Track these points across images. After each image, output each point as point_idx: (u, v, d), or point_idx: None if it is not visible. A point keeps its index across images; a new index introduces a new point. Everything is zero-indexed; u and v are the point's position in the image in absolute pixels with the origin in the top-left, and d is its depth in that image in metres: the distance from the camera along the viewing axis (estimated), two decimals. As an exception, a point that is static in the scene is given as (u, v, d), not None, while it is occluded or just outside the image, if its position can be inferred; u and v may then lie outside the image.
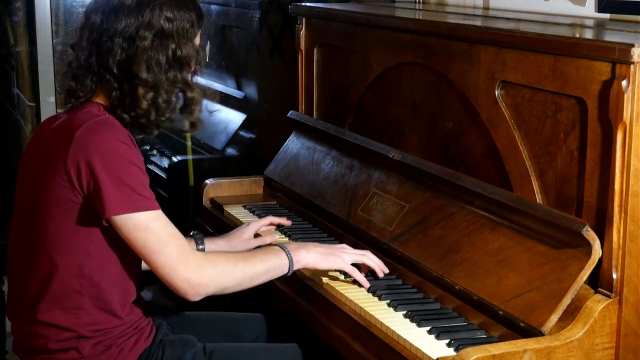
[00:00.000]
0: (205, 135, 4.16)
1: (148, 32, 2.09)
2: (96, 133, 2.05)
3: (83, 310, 2.10)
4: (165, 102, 2.13)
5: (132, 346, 2.16)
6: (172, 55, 2.12)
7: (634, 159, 1.92)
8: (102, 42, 2.10)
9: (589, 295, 1.95)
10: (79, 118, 2.10)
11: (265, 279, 2.21)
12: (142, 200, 2.03)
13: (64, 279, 2.09)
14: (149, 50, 2.09)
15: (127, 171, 2.02)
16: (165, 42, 2.11)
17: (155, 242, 2.04)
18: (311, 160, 2.96)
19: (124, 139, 2.05)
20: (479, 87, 2.32)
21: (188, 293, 2.07)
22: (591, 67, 1.98)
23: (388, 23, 2.72)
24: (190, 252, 2.09)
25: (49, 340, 2.10)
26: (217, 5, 4.29)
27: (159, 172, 4.14)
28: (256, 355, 2.31)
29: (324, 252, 2.30)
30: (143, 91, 2.10)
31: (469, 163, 2.40)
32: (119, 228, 2.03)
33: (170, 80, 2.13)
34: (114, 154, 2.02)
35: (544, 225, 2.05)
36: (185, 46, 2.14)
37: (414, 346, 1.97)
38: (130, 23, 2.09)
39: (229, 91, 4.16)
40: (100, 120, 2.08)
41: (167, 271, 2.05)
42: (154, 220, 2.04)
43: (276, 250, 2.25)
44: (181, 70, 2.15)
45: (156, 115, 2.13)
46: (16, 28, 4.21)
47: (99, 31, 2.11)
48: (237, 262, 2.15)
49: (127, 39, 2.09)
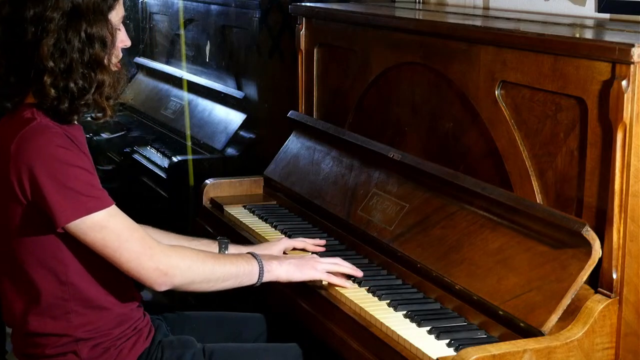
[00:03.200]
0: (205, 135, 4.16)
1: (56, 13, 1.99)
2: (30, 142, 1.98)
3: (72, 313, 2.09)
4: (81, 87, 2.02)
5: (131, 347, 2.16)
6: (84, 34, 2.01)
7: (634, 159, 1.92)
8: (15, 33, 2.01)
9: (589, 295, 1.95)
10: (13, 127, 2.02)
11: (234, 283, 2.17)
12: (91, 201, 1.98)
13: (46, 290, 2.07)
14: (57, 33, 1.99)
15: (69, 175, 1.96)
16: (76, 21, 2.00)
17: (115, 240, 2.00)
18: (311, 160, 2.95)
19: (61, 142, 1.98)
20: (479, 87, 2.32)
21: (155, 282, 2.04)
22: (591, 67, 1.98)
23: (388, 23, 2.72)
24: (154, 242, 2.05)
25: (46, 347, 2.10)
26: (217, 5, 4.29)
27: (159, 172, 4.14)
28: (256, 355, 2.31)
29: (296, 264, 2.26)
30: (50, 79, 1.99)
31: (469, 163, 2.40)
32: (76, 234, 1.99)
33: (84, 62, 2.02)
34: (53, 160, 1.96)
35: (544, 225, 2.05)
36: (97, 24, 2.02)
37: (414, 346, 1.97)
38: (38, 8, 1.99)
39: (229, 91, 4.16)
40: (32, 127, 2.00)
41: (134, 265, 2.01)
42: (108, 218, 1.99)
43: (248, 257, 2.21)
44: (94, 50, 2.02)
45: (70, 102, 2.02)
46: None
47: (11, 23, 2.02)
48: (206, 259, 2.12)
49: (36, 24, 1.99)
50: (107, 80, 2.06)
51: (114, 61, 2.12)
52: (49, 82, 1.99)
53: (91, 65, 2.03)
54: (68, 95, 2.01)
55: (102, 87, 2.06)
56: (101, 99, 2.07)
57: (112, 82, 2.08)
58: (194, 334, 2.32)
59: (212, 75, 4.38)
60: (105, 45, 2.05)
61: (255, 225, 2.81)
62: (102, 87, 2.06)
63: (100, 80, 2.04)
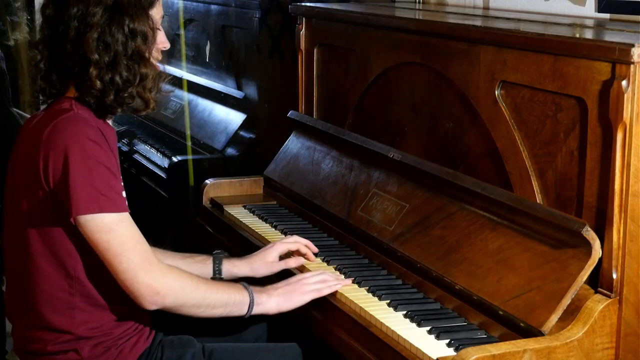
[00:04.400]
0: (205, 135, 4.16)
1: (99, 8, 2.06)
2: (63, 131, 2.02)
3: (76, 309, 2.10)
4: (126, 79, 2.08)
5: (132, 347, 2.16)
6: (127, 29, 2.08)
7: (634, 159, 1.92)
8: (59, 32, 2.07)
9: (589, 295, 1.95)
10: (50, 116, 2.08)
11: (223, 312, 2.16)
12: (107, 201, 1.99)
13: (52, 281, 2.08)
14: (99, 27, 2.05)
15: (93, 170, 1.99)
16: (118, 15, 2.07)
17: (118, 246, 2.00)
18: (311, 160, 2.96)
19: (93, 137, 2.01)
20: (479, 87, 2.32)
21: (145, 299, 2.03)
22: (591, 67, 1.98)
23: (388, 23, 2.72)
24: (154, 260, 2.05)
25: (48, 344, 2.11)
26: (217, 5, 4.29)
27: (159, 172, 4.14)
28: (256, 355, 2.31)
29: (285, 293, 2.23)
30: (95, 71, 2.05)
31: (469, 163, 2.40)
32: (83, 230, 2.00)
33: (128, 55, 2.08)
34: (80, 152, 1.99)
35: (544, 225, 2.05)
36: (139, 18, 2.09)
37: (414, 346, 1.97)
38: (81, 4, 2.06)
39: (229, 91, 4.16)
40: (68, 117, 2.05)
41: (129, 276, 2.01)
42: (118, 222, 2.00)
43: (240, 288, 2.20)
44: (137, 44, 2.09)
45: (115, 94, 2.08)
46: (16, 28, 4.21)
47: (55, 22, 2.09)
48: (200, 284, 2.12)
49: (80, 19, 2.06)
50: (150, 73, 2.12)
51: (155, 56, 2.18)
52: (95, 74, 2.05)
53: (134, 58, 2.10)
54: (113, 88, 2.08)
55: (145, 80, 2.12)
56: (144, 92, 2.13)
57: (154, 75, 2.14)
58: (193, 334, 2.32)
59: (212, 75, 4.38)
60: (147, 40, 2.11)
61: (255, 225, 2.81)
62: (145, 80, 2.12)
63: (143, 74, 2.11)
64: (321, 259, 2.49)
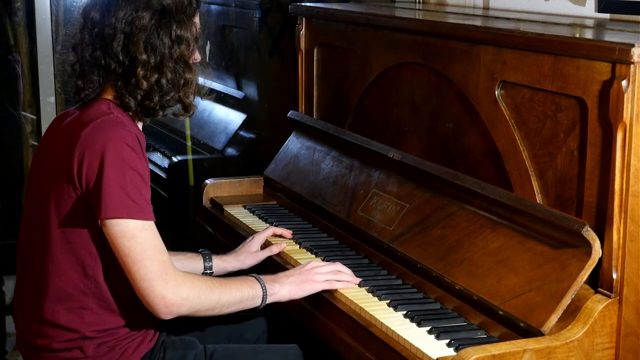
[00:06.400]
0: (205, 135, 4.16)
1: (147, 12, 2.11)
2: (102, 133, 2.04)
3: (87, 310, 2.10)
4: (170, 82, 2.14)
5: (136, 348, 2.16)
6: (174, 33, 2.13)
7: (634, 159, 1.92)
8: (105, 34, 2.11)
9: (589, 295, 1.95)
10: (88, 116, 2.10)
11: (238, 308, 2.18)
12: (134, 207, 2.01)
13: (68, 278, 2.09)
14: (147, 30, 2.10)
15: (126, 175, 2.01)
16: (166, 20, 2.12)
17: (139, 253, 2.01)
18: (311, 160, 2.96)
19: (130, 142, 2.04)
20: (479, 87, 2.32)
21: (161, 311, 2.04)
22: (591, 67, 1.98)
23: (388, 23, 2.72)
24: (172, 270, 2.05)
25: (54, 340, 2.11)
26: (217, 5, 4.29)
27: (159, 172, 4.14)
28: (257, 356, 2.31)
29: (297, 282, 2.26)
30: (143, 72, 2.10)
31: (469, 163, 2.40)
32: (107, 232, 2.02)
33: (174, 59, 2.14)
34: (117, 156, 2.01)
35: (544, 225, 2.05)
36: (185, 24, 2.15)
37: (414, 346, 1.97)
38: (129, 8, 2.10)
39: (229, 91, 4.16)
40: (107, 120, 2.08)
41: (146, 285, 2.02)
42: (142, 230, 2.02)
43: (252, 282, 2.21)
44: (181, 50, 2.15)
45: (160, 96, 2.14)
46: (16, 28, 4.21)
47: (101, 24, 2.12)
48: (214, 287, 2.12)
49: (128, 22, 2.10)
50: (192, 78, 2.19)
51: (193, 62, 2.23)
52: (142, 75, 2.10)
53: (179, 63, 2.15)
54: (158, 89, 2.13)
55: (188, 85, 2.18)
56: (186, 96, 2.19)
57: (196, 80, 2.21)
58: (195, 335, 2.33)
59: (212, 75, 4.38)
60: (190, 47, 2.18)
61: (255, 225, 2.81)
62: (188, 85, 2.18)
63: (187, 79, 2.18)
64: (321, 259, 2.49)
